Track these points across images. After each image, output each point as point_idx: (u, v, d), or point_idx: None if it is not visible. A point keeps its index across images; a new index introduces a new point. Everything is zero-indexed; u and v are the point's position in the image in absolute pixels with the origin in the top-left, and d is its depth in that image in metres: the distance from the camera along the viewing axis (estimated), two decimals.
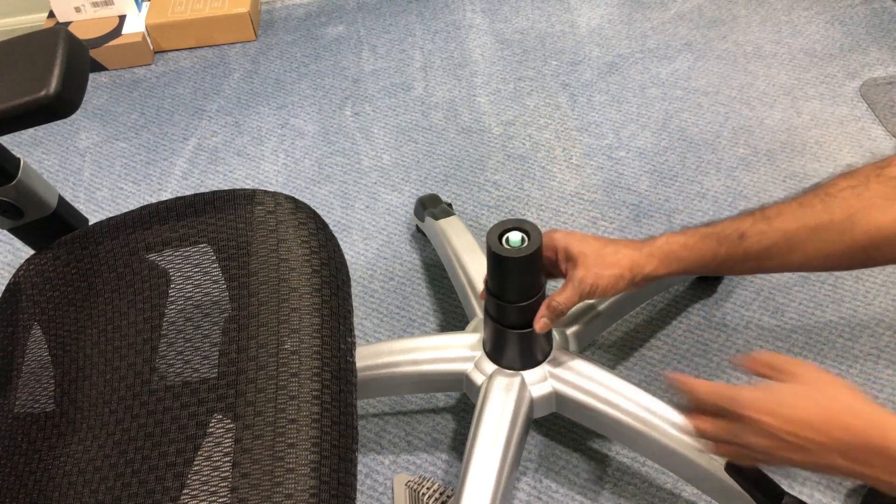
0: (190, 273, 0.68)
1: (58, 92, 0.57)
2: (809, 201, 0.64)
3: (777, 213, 0.65)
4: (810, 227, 0.63)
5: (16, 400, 0.65)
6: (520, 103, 1.49)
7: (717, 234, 0.68)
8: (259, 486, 0.53)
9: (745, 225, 0.66)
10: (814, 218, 0.63)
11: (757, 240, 0.65)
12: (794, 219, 0.64)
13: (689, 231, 0.70)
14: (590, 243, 0.73)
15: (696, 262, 0.69)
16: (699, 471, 0.82)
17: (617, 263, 0.71)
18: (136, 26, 1.71)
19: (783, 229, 0.64)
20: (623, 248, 0.72)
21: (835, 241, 0.62)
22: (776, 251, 0.65)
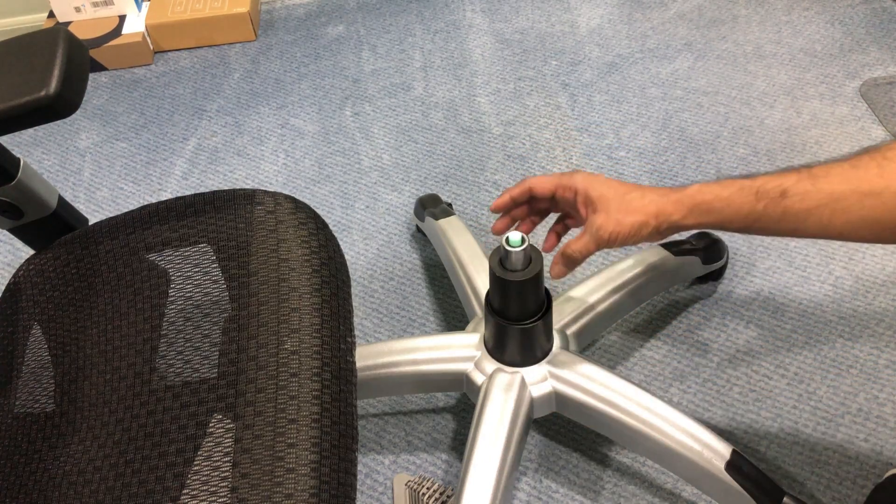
0: (190, 273, 0.68)
1: (58, 92, 0.57)
2: (865, 164, 0.57)
3: (825, 173, 0.59)
4: (862, 192, 0.57)
5: (16, 400, 0.65)
6: (520, 103, 1.49)
7: (757, 189, 0.62)
8: (259, 486, 0.53)
9: (788, 182, 0.60)
10: (867, 182, 0.57)
11: (800, 199, 0.59)
12: (844, 180, 0.58)
13: (726, 181, 0.64)
14: (613, 186, 0.68)
15: (730, 215, 0.64)
16: (699, 471, 0.82)
17: (641, 209, 0.66)
18: (136, 26, 1.71)
19: (830, 191, 0.58)
20: (649, 194, 0.67)
21: (888, 210, 0.56)
22: (819, 214, 0.59)
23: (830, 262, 1.15)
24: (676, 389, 1.04)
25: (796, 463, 0.96)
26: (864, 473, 0.94)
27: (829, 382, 1.02)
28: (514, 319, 0.80)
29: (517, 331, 0.81)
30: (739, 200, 0.63)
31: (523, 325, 0.80)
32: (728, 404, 1.02)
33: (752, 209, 0.62)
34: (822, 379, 1.03)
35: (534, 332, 0.82)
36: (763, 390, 1.02)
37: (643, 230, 0.66)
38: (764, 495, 0.80)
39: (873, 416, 0.99)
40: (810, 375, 1.03)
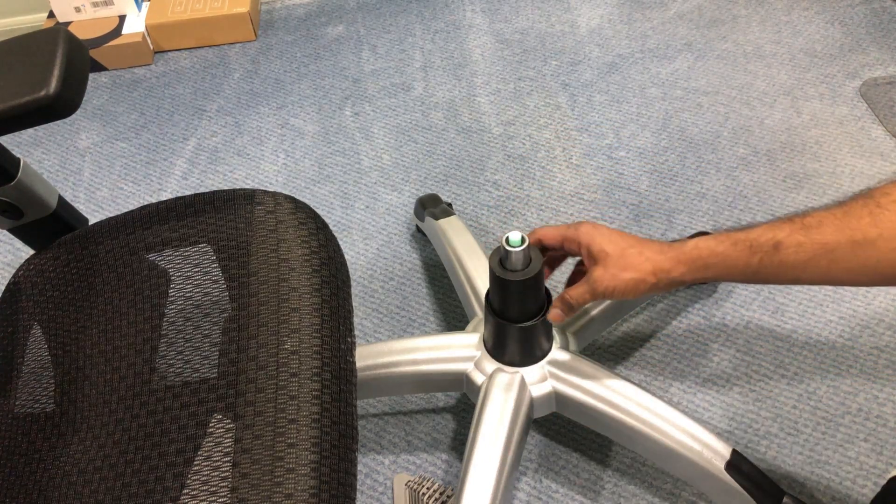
0: (190, 273, 0.68)
1: (58, 92, 0.57)
2: (857, 212, 0.58)
3: (818, 223, 0.60)
4: (855, 242, 0.57)
5: (16, 400, 0.65)
6: (520, 103, 1.49)
7: (751, 242, 0.63)
8: (259, 486, 0.53)
9: (781, 234, 0.61)
10: (860, 231, 0.57)
11: (794, 251, 0.60)
12: (836, 230, 0.58)
13: (721, 235, 0.66)
14: (614, 241, 0.70)
15: (726, 269, 0.65)
16: (699, 471, 0.82)
17: (638, 267, 0.68)
18: (136, 26, 1.71)
19: (824, 241, 0.59)
20: (647, 251, 0.69)
21: (883, 258, 0.56)
22: (815, 264, 0.60)
23: None
24: (676, 389, 1.04)
25: (796, 463, 0.96)
26: (864, 473, 0.94)
27: (829, 382, 1.02)
28: (513, 319, 0.80)
29: (517, 330, 0.81)
30: (734, 255, 0.64)
31: (523, 325, 0.80)
32: (728, 404, 1.02)
33: (748, 263, 0.63)
34: (822, 379, 1.03)
35: (534, 332, 0.82)
36: (763, 390, 1.02)
37: (640, 286, 0.69)
38: (764, 495, 0.80)
39: (873, 416, 0.99)
40: (810, 375, 1.03)
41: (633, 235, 0.71)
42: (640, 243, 0.70)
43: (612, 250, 0.69)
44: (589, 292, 0.71)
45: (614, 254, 0.69)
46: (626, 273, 0.68)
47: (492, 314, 0.82)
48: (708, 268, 0.66)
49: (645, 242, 0.70)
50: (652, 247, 0.69)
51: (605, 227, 0.72)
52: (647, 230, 1.23)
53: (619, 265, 0.69)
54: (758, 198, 1.25)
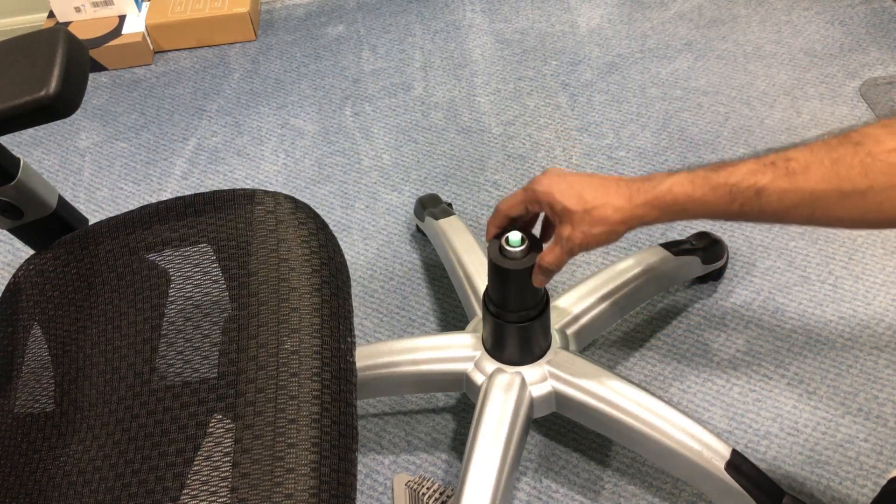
0: (190, 273, 0.68)
1: (58, 92, 0.57)
2: (847, 160, 0.54)
3: (804, 169, 0.56)
4: (843, 192, 0.54)
5: (16, 400, 0.65)
6: (520, 103, 1.49)
7: (731, 188, 0.59)
8: (259, 486, 0.53)
9: (764, 179, 0.58)
10: (849, 182, 0.54)
11: (777, 198, 0.57)
12: (823, 179, 0.55)
13: (698, 178, 0.61)
14: (576, 196, 0.66)
15: (704, 213, 0.62)
16: (699, 471, 0.82)
17: (607, 219, 0.65)
18: (136, 26, 1.71)
19: (810, 190, 0.56)
20: (614, 199, 0.65)
21: (870, 209, 0.54)
22: (798, 212, 0.57)
23: (830, 262, 1.15)
24: (676, 389, 1.04)
25: (796, 463, 0.96)
26: (864, 473, 0.94)
27: (829, 382, 1.02)
28: (512, 311, 0.79)
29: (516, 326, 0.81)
30: (713, 201, 0.61)
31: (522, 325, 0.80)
32: (728, 404, 1.02)
33: (728, 209, 0.60)
34: (822, 379, 1.03)
35: (532, 329, 0.82)
36: (763, 390, 1.02)
37: (612, 237, 0.66)
38: (764, 495, 0.80)
39: (873, 416, 0.99)
40: (810, 375, 1.03)
41: (593, 177, 0.67)
42: (604, 192, 0.66)
43: (575, 206, 0.66)
44: (564, 253, 0.68)
45: (579, 210, 0.66)
46: (595, 228, 0.65)
47: (490, 310, 0.81)
48: (685, 212, 0.63)
49: (609, 188, 0.66)
50: (620, 193, 0.65)
51: (560, 174, 0.68)
52: (647, 230, 1.23)
53: (587, 221, 0.66)
54: None
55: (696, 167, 0.62)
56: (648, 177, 0.65)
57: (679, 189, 0.62)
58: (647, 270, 1.00)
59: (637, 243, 1.22)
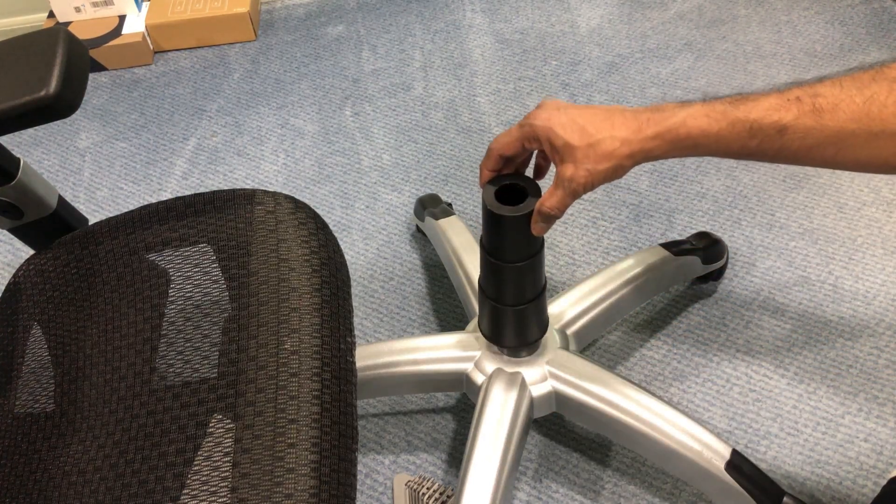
0: (190, 273, 0.68)
1: (58, 92, 0.57)
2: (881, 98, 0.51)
3: (832, 106, 0.52)
4: (873, 133, 0.51)
5: (16, 400, 0.65)
6: (520, 103, 1.49)
7: (751, 124, 0.55)
8: (259, 486, 0.53)
9: (788, 116, 0.53)
10: (880, 122, 0.50)
11: (801, 137, 0.53)
12: (853, 118, 0.51)
13: (714, 111, 0.57)
14: (579, 130, 0.61)
15: (717, 150, 0.58)
16: (699, 471, 0.82)
17: (612, 154, 0.60)
18: (135, 26, 1.71)
19: (837, 129, 0.52)
20: (620, 131, 0.60)
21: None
22: (822, 151, 0.53)
23: (830, 262, 1.15)
24: (676, 389, 1.04)
25: (796, 463, 0.96)
26: (864, 473, 0.94)
27: (829, 382, 1.02)
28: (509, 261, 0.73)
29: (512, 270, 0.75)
30: (730, 137, 0.56)
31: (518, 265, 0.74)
32: (728, 404, 1.02)
33: (744, 146, 0.56)
34: (822, 379, 1.03)
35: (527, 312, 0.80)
36: (763, 390, 1.02)
37: (619, 172, 0.61)
38: (764, 495, 0.80)
39: (873, 416, 0.99)
40: (810, 375, 1.03)
41: (595, 108, 0.63)
42: (609, 123, 0.61)
43: (578, 141, 0.61)
44: (568, 194, 0.63)
45: (582, 145, 0.61)
46: (601, 164, 0.60)
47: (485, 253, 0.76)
48: (697, 147, 0.59)
49: (615, 119, 0.61)
50: (626, 124, 0.60)
51: (559, 107, 0.64)
52: (647, 230, 1.23)
53: (592, 157, 0.61)
54: (758, 198, 1.25)
55: (713, 98, 0.58)
56: (658, 107, 0.60)
57: (694, 123, 0.57)
58: (647, 270, 1.00)
59: (637, 243, 1.22)
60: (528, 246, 0.72)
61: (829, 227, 1.20)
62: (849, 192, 1.24)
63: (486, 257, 0.75)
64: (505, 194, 0.69)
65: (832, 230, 1.19)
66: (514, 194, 0.69)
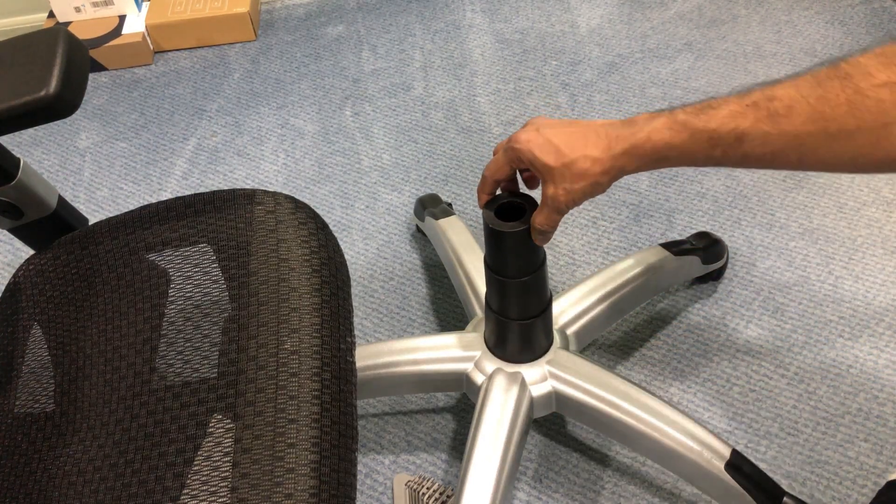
0: (190, 273, 0.68)
1: (58, 92, 0.57)
2: (833, 98, 0.49)
3: (788, 110, 0.51)
4: (829, 134, 0.49)
5: (16, 400, 0.65)
6: (520, 103, 1.49)
7: (710, 134, 0.55)
8: (259, 486, 0.53)
9: (745, 123, 0.53)
10: (835, 123, 0.49)
11: (760, 143, 0.53)
12: (808, 120, 0.50)
13: (677, 124, 0.58)
14: (554, 152, 0.64)
15: (685, 161, 0.59)
16: (699, 471, 0.82)
17: (587, 173, 0.62)
18: (136, 26, 1.71)
19: (794, 133, 0.51)
20: (592, 150, 0.62)
21: (861, 153, 0.49)
22: (785, 156, 0.53)
23: (830, 262, 1.15)
24: (676, 389, 1.04)
25: (796, 463, 0.96)
26: (864, 473, 0.94)
27: (829, 382, 1.02)
28: (512, 277, 0.76)
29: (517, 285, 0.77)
30: (694, 148, 0.57)
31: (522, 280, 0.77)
32: (728, 404, 1.02)
33: (709, 156, 0.56)
34: (822, 379, 1.03)
35: (533, 326, 0.82)
36: (763, 390, 1.02)
37: (597, 189, 0.63)
38: (764, 495, 0.80)
39: (873, 416, 0.99)
40: (810, 375, 1.03)
41: (573, 126, 0.64)
42: (582, 142, 0.63)
43: (554, 162, 0.64)
44: (553, 211, 0.66)
45: (558, 166, 0.63)
46: (576, 183, 0.63)
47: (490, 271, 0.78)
48: (666, 160, 0.60)
49: (588, 138, 0.63)
50: (598, 144, 0.62)
51: (538, 128, 0.66)
52: (647, 230, 1.23)
53: (568, 177, 0.63)
54: (758, 198, 1.25)
55: (679, 108, 0.59)
56: (631, 121, 0.61)
57: (658, 137, 0.59)
58: (647, 270, 1.00)
59: (637, 243, 1.22)
60: (530, 261, 0.75)
61: (829, 227, 1.20)
62: (849, 192, 1.24)
63: (491, 275, 0.78)
64: (504, 212, 0.72)
65: (832, 230, 1.19)
66: (513, 211, 0.72)
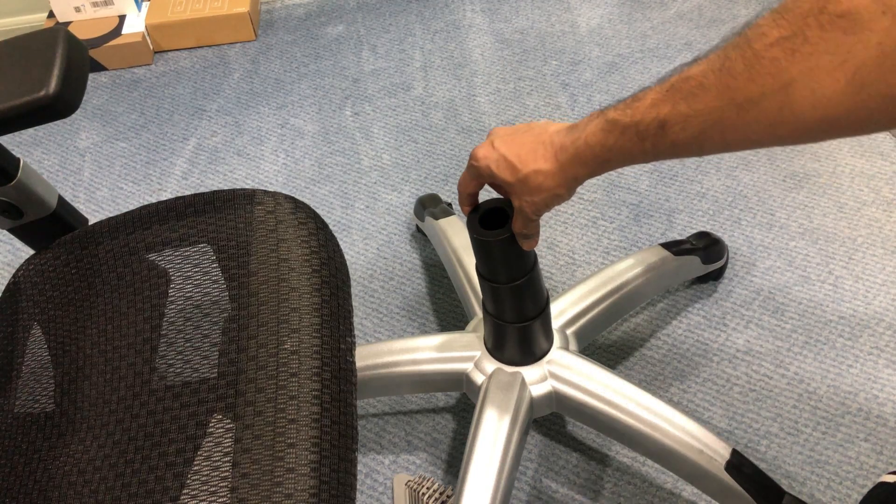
0: (190, 273, 0.68)
1: (57, 92, 0.57)
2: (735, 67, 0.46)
3: (700, 88, 0.48)
4: (738, 105, 0.46)
5: (16, 400, 0.65)
6: (520, 103, 1.49)
7: (636, 127, 0.53)
8: (259, 486, 0.53)
9: (664, 109, 0.51)
10: (741, 92, 0.45)
11: (681, 127, 0.50)
12: (717, 95, 0.47)
13: (608, 122, 0.56)
14: (508, 169, 0.64)
15: (625, 159, 0.57)
16: (699, 471, 0.82)
17: (542, 186, 0.62)
18: (135, 26, 1.71)
19: (709, 110, 0.48)
20: (543, 164, 0.62)
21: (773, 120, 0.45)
22: (710, 136, 0.49)
23: (830, 262, 1.15)
24: (676, 389, 1.04)
25: (796, 463, 0.96)
26: (864, 473, 0.94)
27: (829, 382, 1.02)
28: (503, 283, 0.76)
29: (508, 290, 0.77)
30: (626, 145, 0.55)
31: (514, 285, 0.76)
32: (728, 404, 1.02)
33: (643, 150, 0.54)
34: (822, 379, 1.03)
35: (532, 329, 0.82)
36: (763, 390, 1.02)
37: (557, 200, 0.63)
38: (764, 495, 0.80)
39: (873, 416, 0.99)
40: (810, 375, 1.03)
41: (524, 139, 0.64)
42: (533, 156, 0.62)
43: (511, 178, 0.64)
44: (526, 220, 0.67)
45: (515, 182, 0.64)
46: (536, 196, 0.64)
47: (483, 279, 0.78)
48: (608, 161, 0.58)
49: (538, 152, 0.62)
50: (546, 156, 0.62)
51: (492, 145, 0.66)
52: (647, 230, 1.23)
53: (525, 191, 0.64)
54: (758, 198, 1.25)
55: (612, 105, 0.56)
56: (574, 126, 0.60)
57: (594, 140, 0.57)
58: (647, 270, 1.00)
59: (637, 243, 1.22)
60: (519, 265, 0.75)
61: (829, 227, 1.20)
62: (849, 192, 1.24)
63: (484, 281, 0.78)
64: (489, 218, 0.73)
65: (832, 230, 1.19)
66: (499, 215, 0.72)
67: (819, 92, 0.42)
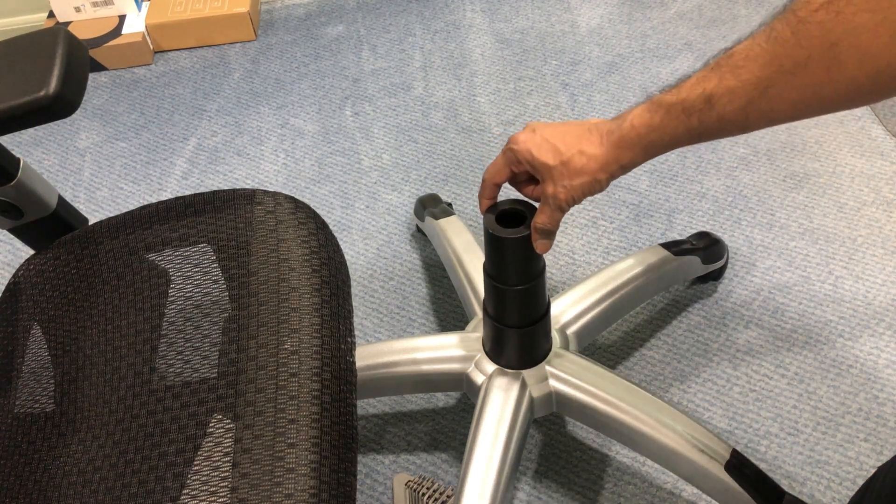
0: (190, 273, 0.68)
1: (57, 92, 0.57)
2: (780, 35, 0.48)
3: (745, 60, 0.51)
4: (786, 71, 0.48)
5: (16, 400, 0.65)
6: (520, 103, 1.49)
7: (683, 104, 0.55)
8: (259, 486, 0.53)
9: (710, 84, 0.53)
10: (788, 58, 0.48)
11: (728, 100, 0.52)
12: (764, 63, 0.49)
13: (653, 104, 0.58)
14: (550, 150, 0.65)
15: (670, 140, 0.58)
16: (699, 471, 0.82)
17: (584, 169, 0.63)
18: (135, 26, 1.71)
19: (755, 80, 0.50)
20: (588, 147, 0.63)
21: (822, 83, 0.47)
22: (755, 108, 0.51)
23: (830, 262, 1.15)
24: (676, 389, 1.04)
25: (796, 463, 0.96)
26: (864, 473, 0.94)
27: (829, 382, 1.02)
28: (513, 284, 0.76)
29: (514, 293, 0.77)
30: (672, 124, 0.57)
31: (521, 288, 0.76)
32: (728, 404, 1.02)
33: (688, 127, 0.56)
34: (822, 379, 1.03)
35: (532, 333, 0.82)
36: (763, 390, 1.02)
37: (596, 186, 0.64)
38: (764, 495, 0.80)
39: (873, 416, 0.99)
40: (810, 375, 1.03)
41: (568, 126, 0.65)
42: (577, 140, 0.64)
43: (553, 162, 0.64)
44: (556, 210, 0.67)
45: (557, 164, 0.64)
46: (575, 180, 0.64)
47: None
48: (653, 144, 0.59)
49: (582, 136, 0.64)
50: (591, 140, 0.63)
51: (536, 129, 0.67)
52: (647, 230, 1.23)
53: (566, 174, 0.64)
54: (758, 197, 1.25)
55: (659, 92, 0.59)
56: (619, 116, 0.62)
57: (639, 121, 0.59)
58: (647, 270, 1.00)
59: (637, 243, 1.22)
60: (530, 269, 0.75)
61: (829, 227, 1.20)
62: (849, 192, 1.24)
63: (491, 283, 0.77)
64: (505, 219, 0.72)
65: (832, 230, 1.19)
66: (515, 218, 0.72)
67: (863, 48, 0.44)
